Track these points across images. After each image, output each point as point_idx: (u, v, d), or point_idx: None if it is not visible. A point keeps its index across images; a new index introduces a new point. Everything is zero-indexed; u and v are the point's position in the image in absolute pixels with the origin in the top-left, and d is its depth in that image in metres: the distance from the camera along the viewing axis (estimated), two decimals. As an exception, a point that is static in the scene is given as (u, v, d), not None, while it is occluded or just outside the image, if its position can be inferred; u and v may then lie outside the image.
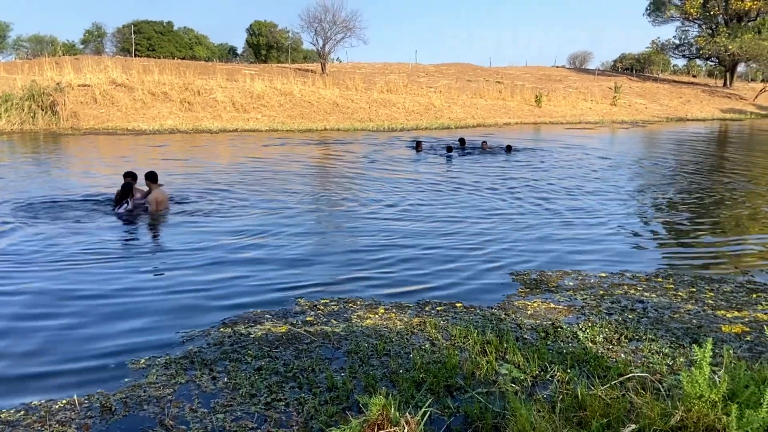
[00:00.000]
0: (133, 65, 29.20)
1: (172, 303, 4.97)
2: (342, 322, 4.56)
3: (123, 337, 4.25)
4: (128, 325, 4.49)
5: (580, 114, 34.80)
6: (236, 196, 9.65)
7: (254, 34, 61.23)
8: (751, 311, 4.92)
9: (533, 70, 52.49)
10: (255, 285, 5.46)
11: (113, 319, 4.60)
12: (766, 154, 19.76)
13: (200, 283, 5.46)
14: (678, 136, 26.36)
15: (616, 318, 4.72)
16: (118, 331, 4.37)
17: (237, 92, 26.63)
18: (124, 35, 55.92)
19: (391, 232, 7.56)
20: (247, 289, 5.33)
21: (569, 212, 9.00)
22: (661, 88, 48.67)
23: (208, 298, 5.09)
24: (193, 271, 5.80)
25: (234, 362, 3.82)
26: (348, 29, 38.28)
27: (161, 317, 4.65)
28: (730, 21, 52.51)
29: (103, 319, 4.60)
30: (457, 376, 3.63)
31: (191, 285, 5.41)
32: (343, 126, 24.74)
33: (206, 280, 5.55)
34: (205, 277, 5.65)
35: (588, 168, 14.29)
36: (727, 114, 41.67)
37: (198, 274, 5.73)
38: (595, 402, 3.22)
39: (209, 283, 5.47)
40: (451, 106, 31.59)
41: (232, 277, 5.66)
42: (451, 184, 11.51)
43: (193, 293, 5.21)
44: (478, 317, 4.70)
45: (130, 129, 20.70)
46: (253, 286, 5.42)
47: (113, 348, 4.06)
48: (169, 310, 4.80)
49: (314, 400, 3.33)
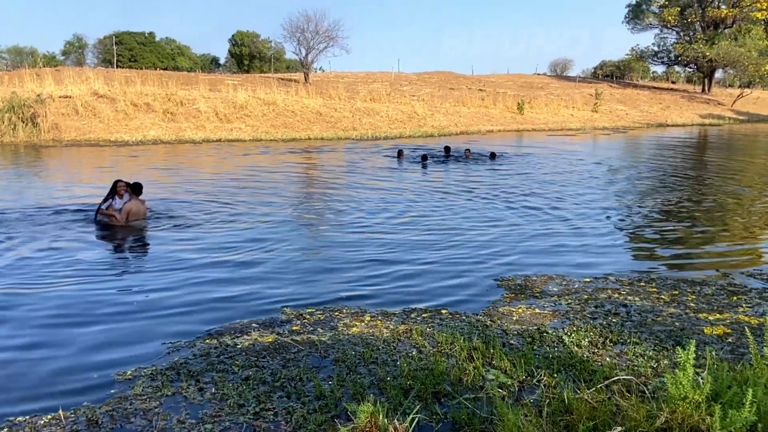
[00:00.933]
0: (114, 76, 29.02)
1: (156, 314, 4.93)
2: (328, 330, 4.56)
3: (108, 350, 4.21)
4: (113, 337, 4.45)
5: (562, 121, 35.15)
6: (220, 206, 9.61)
7: (237, 44, 61.19)
8: (732, 313, 4.99)
9: (515, 77, 52.95)
10: (240, 295, 5.44)
11: (97, 332, 4.56)
12: (745, 158, 20.09)
13: (185, 294, 5.43)
14: (659, 141, 26.72)
15: (601, 322, 4.77)
16: (102, 343, 4.33)
17: (220, 102, 26.56)
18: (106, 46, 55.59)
19: (374, 240, 7.57)
20: (232, 300, 5.31)
21: (553, 217, 9.08)
22: (641, 95, 49.34)
23: (194, 309, 5.06)
24: (177, 282, 5.76)
25: (221, 373, 3.80)
26: (330, 39, 38.37)
27: (146, 329, 4.62)
28: (707, 28, 53.48)
29: (87, 332, 4.56)
30: (444, 383, 3.64)
31: (176, 296, 5.38)
32: (326, 135, 24.76)
33: (191, 291, 5.51)
34: (190, 287, 5.62)
35: (570, 174, 14.43)
36: (706, 119, 42.32)
37: (182, 284, 5.70)
38: (582, 405, 3.25)
39: (194, 294, 5.44)
40: (434, 114, 31.75)
41: (217, 287, 5.64)
42: (434, 191, 11.56)
43: (178, 304, 5.17)
44: (464, 323, 4.73)
45: (112, 140, 20.55)
46: (239, 296, 5.40)
47: (98, 361, 4.03)
48: (154, 322, 4.76)
49: (303, 409, 3.33)
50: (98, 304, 5.13)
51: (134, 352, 4.17)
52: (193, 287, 5.63)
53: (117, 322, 4.74)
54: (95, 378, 3.77)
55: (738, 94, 51.99)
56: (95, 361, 4.02)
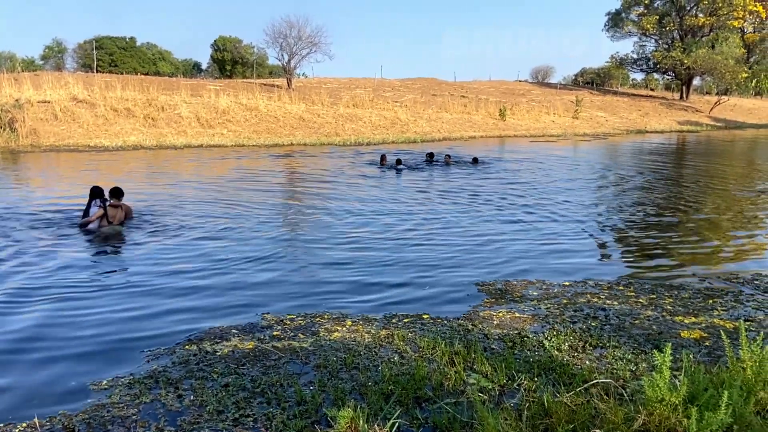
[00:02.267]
0: (94, 81, 28.72)
1: (135, 322, 4.88)
2: (310, 336, 4.55)
3: (83, 359, 4.16)
4: (90, 346, 4.39)
5: (543, 127, 35.46)
6: (200, 211, 9.54)
7: (219, 49, 60.89)
8: (707, 317, 5.07)
9: (497, 84, 53.33)
10: (220, 301, 5.40)
11: (73, 340, 4.50)
12: (722, 164, 20.41)
13: (164, 301, 5.38)
14: (638, 147, 27.05)
15: (580, 326, 4.81)
16: (78, 352, 4.27)
17: (202, 108, 26.40)
18: (86, 51, 54.99)
19: (356, 245, 7.57)
20: (212, 306, 5.28)
21: (532, 222, 9.15)
22: (620, 102, 49.94)
23: (173, 316, 5.01)
24: (156, 289, 5.71)
25: (200, 380, 3.77)
26: (313, 44, 38.37)
27: (124, 337, 4.56)
28: (685, 36, 54.34)
29: (63, 340, 4.49)
30: (425, 387, 3.65)
31: (155, 303, 5.33)
32: (309, 141, 24.73)
33: (170, 298, 5.47)
34: (169, 294, 5.57)
35: (550, 179, 14.55)
36: (684, 126, 42.95)
37: (161, 291, 5.65)
38: (561, 409, 3.27)
39: (173, 301, 5.39)
40: (417, 120, 31.86)
41: (196, 294, 5.59)
42: (415, 197, 11.59)
43: (156, 311, 5.12)
44: (445, 328, 4.74)
45: (92, 146, 20.32)
46: (218, 303, 5.36)
47: (74, 369, 3.97)
48: (132, 329, 4.71)
49: (283, 415, 3.31)
50: (74, 312, 5.07)
51: (111, 361, 4.11)
52: (173, 294, 5.58)
53: (93, 330, 4.68)
54: (71, 386, 3.72)
55: (715, 102, 52.83)
56: (71, 371, 3.96)
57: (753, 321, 4.95)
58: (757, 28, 59.79)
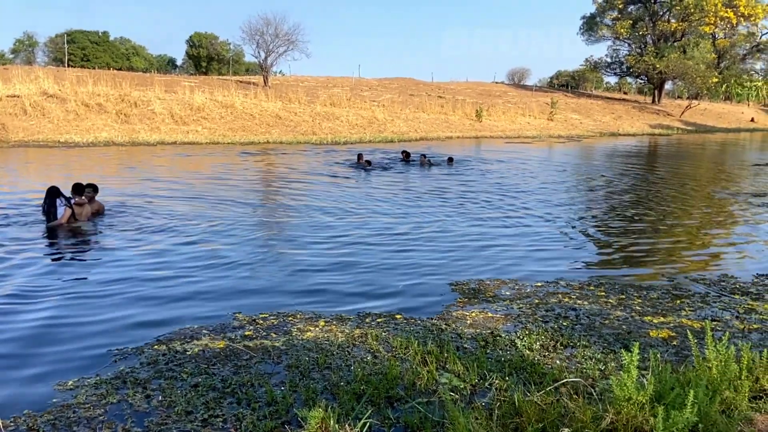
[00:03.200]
0: (66, 76, 28.19)
1: (102, 321, 4.79)
2: (282, 336, 4.51)
3: (48, 359, 4.06)
4: (53, 347, 4.29)
5: (519, 128, 35.77)
6: (172, 209, 9.42)
7: (194, 45, 60.25)
8: (675, 317, 5.15)
9: (473, 85, 53.65)
10: (190, 300, 5.33)
11: (36, 339, 4.40)
12: (693, 166, 20.80)
13: (132, 300, 5.30)
14: (611, 150, 27.44)
15: (552, 325, 4.85)
16: (42, 353, 4.17)
17: (176, 104, 26.09)
18: (57, 45, 53.97)
19: (328, 245, 7.54)
20: (182, 305, 5.20)
21: (505, 222, 9.21)
22: (594, 104, 50.62)
23: (141, 316, 4.93)
24: (124, 288, 5.61)
25: (169, 380, 3.71)
26: (290, 42, 38.17)
27: (90, 336, 4.47)
28: (658, 41, 55.31)
29: (25, 340, 4.39)
30: (398, 387, 3.64)
31: (122, 302, 5.24)
32: (286, 139, 24.59)
33: (139, 297, 5.38)
34: (138, 293, 5.48)
35: (525, 180, 14.68)
36: (656, 129, 43.70)
37: (130, 290, 5.55)
38: (531, 408, 3.29)
39: (142, 300, 5.31)
40: (395, 120, 31.90)
41: (166, 293, 5.51)
42: (389, 196, 11.59)
43: (123, 312, 5.04)
44: (418, 328, 4.75)
45: (62, 141, 19.94)
46: (189, 302, 5.29)
47: (38, 370, 3.88)
48: (99, 329, 4.62)
49: (252, 415, 3.27)
50: (37, 311, 4.96)
51: (77, 362, 4.02)
52: (142, 293, 5.50)
53: (57, 331, 4.59)
54: (36, 387, 3.63)
55: (686, 106, 53.85)
56: (35, 372, 3.87)
57: (719, 321, 5.04)
58: (728, 34, 61.19)
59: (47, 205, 7.82)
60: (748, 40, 62.84)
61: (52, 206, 7.83)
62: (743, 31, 61.49)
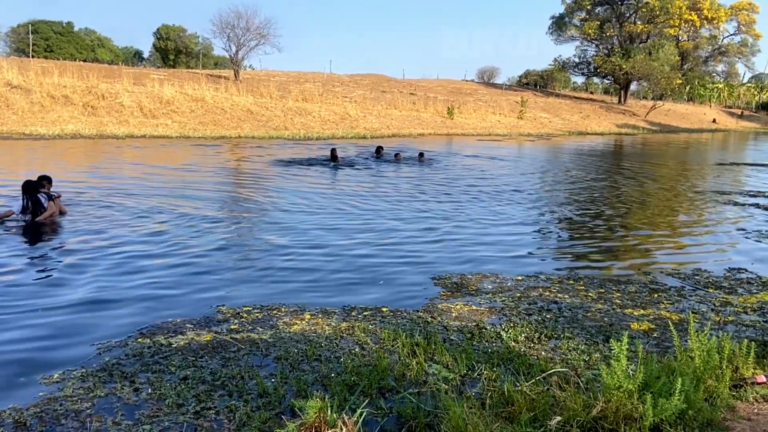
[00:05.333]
0: (30, 66, 27.42)
1: (82, 315, 4.69)
2: (268, 329, 4.49)
3: (31, 353, 3.97)
4: (35, 339, 4.20)
5: (489, 126, 36.10)
6: (144, 203, 9.26)
7: (162, 38, 59.19)
8: (654, 309, 5.28)
9: (445, 83, 53.95)
10: (171, 295, 5.25)
11: (17, 334, 4.29)
12: (660, 165, 21.26)
13: (111, 294, 5.20)
14: (580, 148, 27.90)
15: (535, 318, 4.93)
16: (24, 348, 4.07)
17: (145, 97, 25.61)
18: (20, 35, 52.42)
19: (308, 240, 7.51)
20: (162, 299, 5.12)
21: (484, 217, 9.30)
22: (563, 104, 51.38)
23: (122, 309, 4.84)
24: (101, 283, 5.50)
25: (157, 373, 3.66)
26: (262, 36, 37.84)
27: (72, 331, 4.38)
28: (624, 42, 56.39)
29: (5, 333, 4.28)
30: (388, 378, 3.66)
31: (101, 296, 5.14)
32: (257, 134, 24.36)
33: (117, 291, 5.28)
34: (116, 287, 5.38)
35: (499, 176, 14.83)
36: (622, 129, 44.59)
37: (107, 284, 5.45)
38: (521, 397, 3.34)
39: (120, 294, 5.21)
40: (367, 117, 31.87)
41: (144, 287, 5.42)
42: (366, 192, 11.60)
43: (104, 305, 4.94)
44: (405, 320, 4.77)
45: (27, 134, 19.39)
46: (169, 296, 5.21)
47: (20, 364, 3.78)
48: (81, 323, 4.53)
49: (246, 407, 3.25)
50: (17, 306, 4.83)
51: (60, 355, 3.94)
52: (119, 287, 5.40)
53: (39, 324, 4.48)
54: (20, 381, 3.54)
55: (651, 106, 55.06)
56: (17, 366, 3.77)
57: (697, 313, 5.18)
58: (691, 37, 62.73)
59: (27, 200, 7.56)
60: (710, 43, 64.56)
61: (36, 201, 7.57)
62: (705, 34, 63.17)
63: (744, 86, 75.47)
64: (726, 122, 60.64)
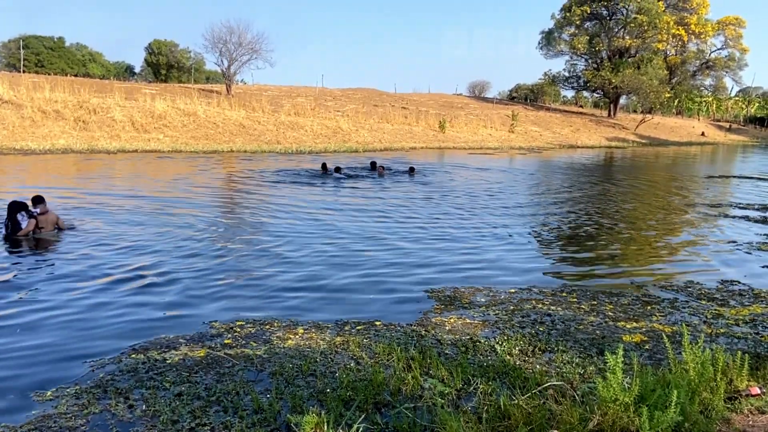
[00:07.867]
0: (21, 81, 27.35)
1: (76, 332, 4.66)
2: (262, 343, 4.47)
3: (23, 370, 3.93)
4: (27, 359, 4.15)
5: (481, 140, 36.26)
6: (137, 221, 9.23)
7: (153, 53, 59.23)
8: (647, 322, 5.30)
9: (436, 97, 54.22)
10: (163, 311, 5.23)
11: (9, 352, 4.25)
12: (651, 178, 21.39)
13: (103, 311, 5.17)
14: (571, 161, 28.06)
15: (529, 331, 4.93)
16: (16, 365, 4.03)
17: (137, 111, 25.59)
18: (11, 50, 52.38)
19: (300, 255, 7.50)
20: (155, 316, 5.10)
21: (476, 231, 9.32)
22: (553, 117, 51.72)
23: (115, 326, 4.82)
24: (93, 300, 5.47)
25: (151, 389, 3.64)
26: (254, 51, 37.89)
27: (65, 348, 4.35)
28: (613, 57, 56.94)
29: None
30: (384, 393, 3.65)
31: (93, 314, 5.11)
32: (250, 148, 24.36)
33: (109, 308, 5.25)
34: (107, 304, 5.35)
35: (491, 189, 14.89)
36: (612, 142, 44.89)
37: (99, 302, 5.42)
38: (518, 411, 3.34)
39: (112, 311, 5.18)
40: (359, 130, 31.96)
41: (136, 304, 5.40)
42: (358, 206, 11.61)
43: (97, 322, 4.91)
44: (399, 334, 4.76)
45: (17, 148, 19.30)
46: (162, 313, 5.19)
47: (13, 382, 3.75)
48: (74, 340, 4.50)
49: (241, 423, 3.23)
50: (9, 323, 4.79)
51: (53, 373, 3.91)
52: (111, 304, 5.37)
53: (32, 342, 4.44)
54: (11, 399, 3.50)
55: (640, 120, 55.50)
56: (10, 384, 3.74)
57: (689, 325, 5.21)
58: (679, 51, 63.44)
59: (8, 220, 7.69)
60: (698, 57, 65.28)
61: (14, 221, 7.67)
62: (693, 49, 63.89)
63: (732, 100, 76.31)
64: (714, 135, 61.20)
